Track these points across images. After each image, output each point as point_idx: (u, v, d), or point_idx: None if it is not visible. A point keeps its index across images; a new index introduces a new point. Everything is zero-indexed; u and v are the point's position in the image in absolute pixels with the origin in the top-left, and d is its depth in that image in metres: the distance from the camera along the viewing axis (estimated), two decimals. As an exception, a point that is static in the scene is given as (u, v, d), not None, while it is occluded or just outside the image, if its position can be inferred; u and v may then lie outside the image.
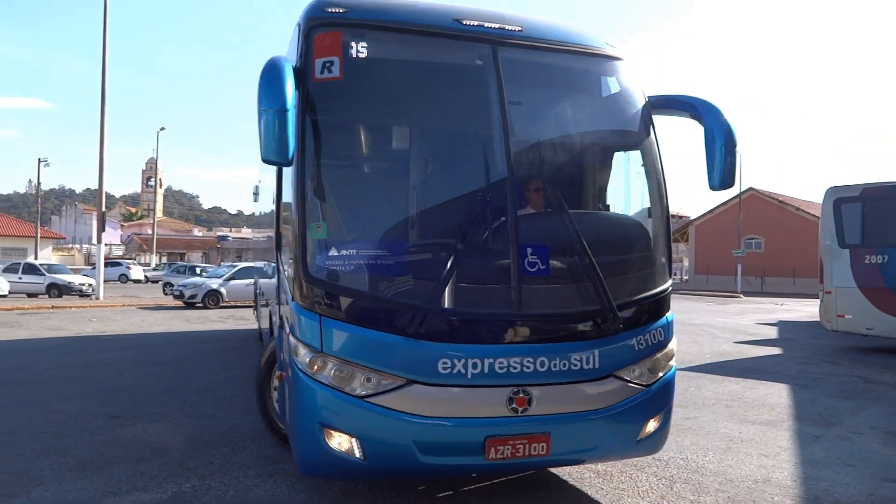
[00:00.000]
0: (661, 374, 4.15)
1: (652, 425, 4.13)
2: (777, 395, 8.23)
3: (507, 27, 4.18)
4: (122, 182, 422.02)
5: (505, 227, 3.77)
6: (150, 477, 4.63)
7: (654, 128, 4.47)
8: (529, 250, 3.75)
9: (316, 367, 3.61)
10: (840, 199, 12.45)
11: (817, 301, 13.27)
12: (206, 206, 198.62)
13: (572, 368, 3.77)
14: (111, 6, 24.59)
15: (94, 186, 29.36)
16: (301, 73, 3.81)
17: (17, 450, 5.25)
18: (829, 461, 5.40)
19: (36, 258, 42.22)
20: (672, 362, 4.28)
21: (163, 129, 54.52)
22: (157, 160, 55.59)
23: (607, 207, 4.65)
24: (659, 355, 4.13)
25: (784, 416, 7.03)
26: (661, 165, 4.42)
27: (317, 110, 3.83)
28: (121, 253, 70.28)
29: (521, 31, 4.21)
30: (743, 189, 48.25)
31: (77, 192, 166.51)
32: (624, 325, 3.93)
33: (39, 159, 51.04)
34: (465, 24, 4.11)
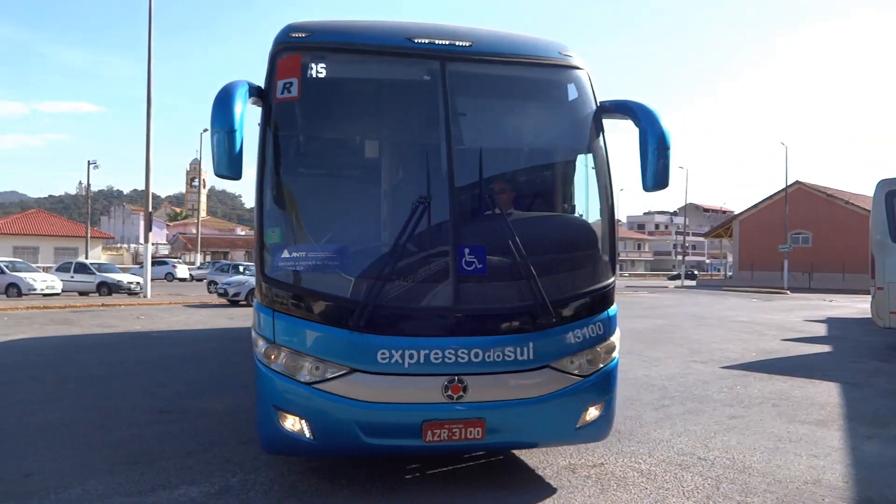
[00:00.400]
0: (600, 366, 4.42)
1: (592, 413, 4.40)
2: (827, 393, 8.01)
3: (456, 42, 4.48)
4: (168, 183, 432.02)
5: (445, 229, 4.13)
6: (197, 471, 4.74)
7: (601, 132, 4.65)
8: (467, 250, 4.08)
9: (271, 356, 4.09)
10: (892, 191, 12.02)
11: (868, 297, 12.85)
12: (248, 205, 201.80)
13: (507, 359, 4.08)
14: (156, 8, 25.18)
15: (141, 187, 30.11)
16: (266, 94, 4.30)
17: (72, 442, 5.44)
18: (882, 462, 5.24)
19: (86, 257, 43.54)
20: (614, 354, 4.54)
21: (206, 130, 55.57)
22: (200, 161, 56.85)
23: (552, 209, 4.88)
24: (598, 348, 4.40)
25: (835, 416, 6.84)
26: (608, 168, 4.61)
27: (276, 128, 4.28)
28: (167, 252, 71.98)
29: (470, 45, 4.49)
30: (789, 182, 47.01)
31: (125, 192, 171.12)
32: (560, 319, 4.21)
33: (89, 161, 52.62)
34: (416, 42, 4.43)
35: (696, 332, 15.50)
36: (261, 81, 4.34)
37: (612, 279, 4.54)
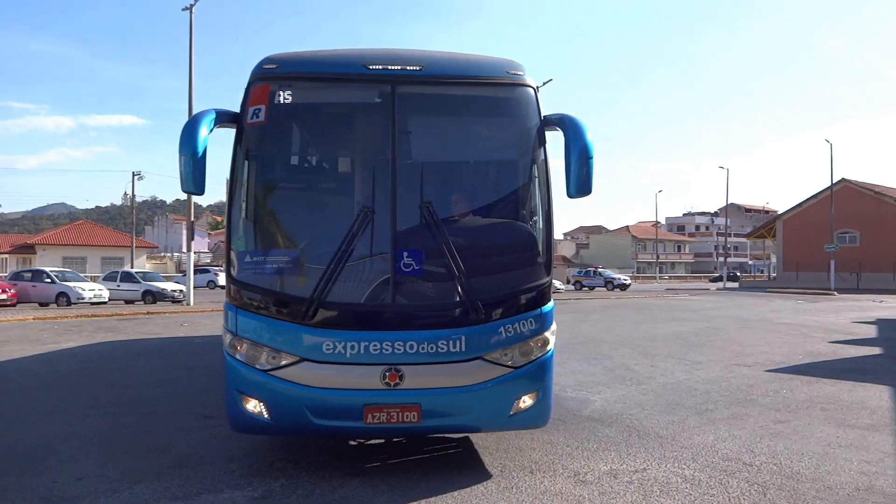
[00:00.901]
0: (533, 358, 4.77)
1: (526, 402, 4.77)
2: (878, 397, 7.76)
3: (407, 67, 4.95)
4: (209, 192, 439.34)
5: (387, 234, 4.63)
6: (241, 475, 4.82)
7: (543, 144, 4.97)
8: (405, 253, 4.59)
9: (235, 347, 4.69)
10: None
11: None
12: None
13: (440, 351, 4.53)
14: (197, 23, 25.79)
15: (183, 197, 30.74)
16: (239, 119, 4.89)
17: (121, 447, 5.58)
18: (939, 468, 5.05)
19: (132, 266, 44.68)
20: (548, 347, 4.87)
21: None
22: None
23: (491, 216, 5.12)
24: (531, 342, 4.76)
25: (886, 420, 6.62)
26: (547, 178, 4.97)
27: (246, 149, 4.87)
28: (209, 260, 73.38)
29: (420, 69, 4.96)
30: (835, 180, 45.76)
31: (168, 202, 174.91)
32: (491, 315, 4.64)
33: (133, 173, 54.01)
34: (370, 69, 4.92)
35: (739, 334, 15.18)
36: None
37: (545, 279, 4.90)
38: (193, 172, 4.58)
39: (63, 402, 7.48)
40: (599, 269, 58.58)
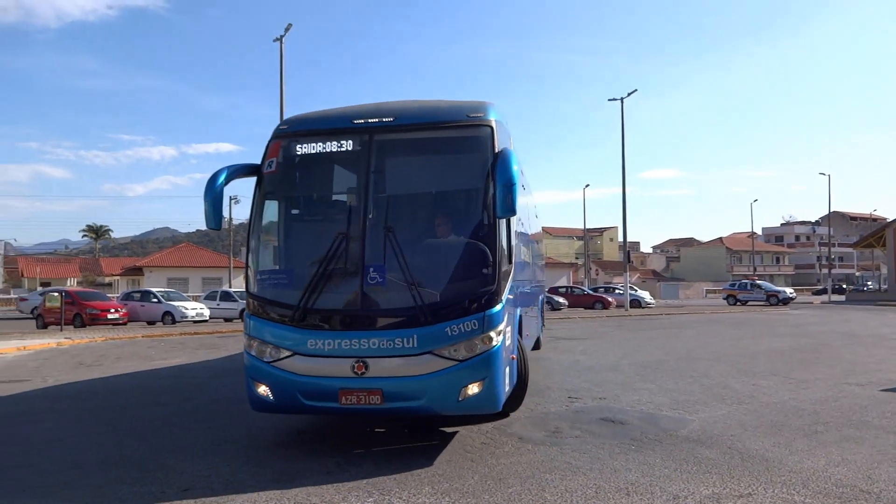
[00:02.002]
0: (477, 352, 5.62)
1: (473, 389, 5.62)
2: None
3: (383, 119, 6.27)
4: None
5: (358, 254, 5.84)
6: (336, 490, 4.91)
7: (496, 171, 5.71)
8: (371, 269, 5.77)
9: (249, 345, 6.14)
10: None
11: None
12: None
13: (397, 347, 5.61)
14: (287, 54, 26.90)
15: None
16: (259, 169, 6.50)
17: (223, 459, 5.81)
18: None
19: (230, 286, 46.75)
20: (492, 343, 5.67)
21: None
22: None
23: (445, 236, 6.10)
24: (475, 339, 5.62)
25: None
26: (494, 202, 5.67)
27: (262, 193, 6.48)
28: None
29: (392, 120, 6.26)
30: (952, 184, 42.35)
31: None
32: (438, 318, 5.60)
33: (230, 197, 56.58)
34: (354, 123, 6.31)
35: (848, 351, 14.24)
36: None
37: (490, 287, 5.75)
38: (213, 214, 6.12)
39: (168, 417, 7.87)
40: (758, 281, 51.19)
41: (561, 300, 39.31)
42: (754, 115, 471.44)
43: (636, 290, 46.91)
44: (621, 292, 41.29)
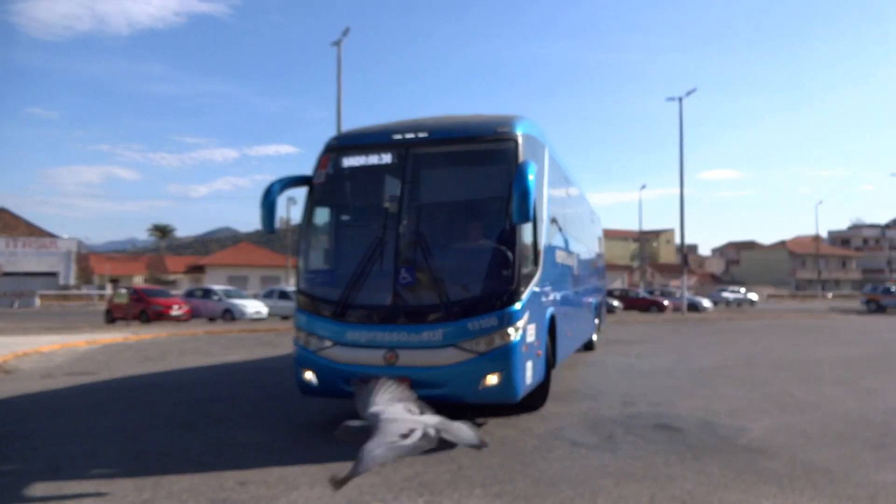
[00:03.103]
0: (495, 346, 6.21)
1: (492, 380, 6.21)
2: None
3: (418, 134, 6.94)
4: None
5: (392, 257, 6.53)
6: (387, 489, 4.93)
7: (523, 181, 6.11)
8: (402, 270, 6.46)
9: (298, 336, 6.92)
10: None
11: None
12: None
13: (423, 340, 6.27)
14: (345, 57, 27.29)
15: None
16: (311, 180, 7.27)
17: (276, 457, 5.91)
18: None
19: (287, 284, 47.69)
20: (510, 339, 6.25)
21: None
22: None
23: (471, 241, 6.85)
24: (494, 334, 6.21)
25: None
26: (527, 210, 6.07)
27: (312, 201, 7.28)
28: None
29: (427, 135, 6.92)
30: None
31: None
32: (460, 314, 6.25)
33: (288, 198, 57.76)
34: (393, 138, 7.00)
35: (921, 360, 13.52)
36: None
37: (509, 287, 6.33)
38: (268, 220, 7.07)
39: (224, 412, 8.07)
40: None
41: (615, 303, 38.70)
42: (821, 110, 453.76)
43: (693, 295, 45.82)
44: (678, 296, 40.39)
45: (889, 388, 9.71)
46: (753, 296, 45.29)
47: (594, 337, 15.06)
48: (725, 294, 52.39)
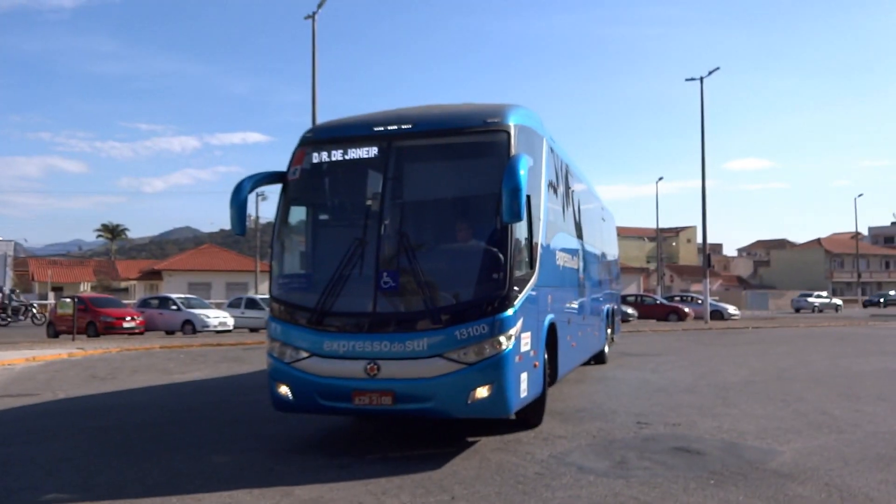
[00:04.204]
0: (486, 356, 6.29)
1: (482, 392, 6.29)
2: None
3: (401, 126, 7.06)
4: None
5: (373, 260, 6.67)
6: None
7: (514, 176, 6.13)
8: (385, 274, 6.58)
9: (272, 346, 7.02)
10: None
11: None
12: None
13: (407, 350, 6.36)
14: (319, 31, 27.26)
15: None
16: (285, 176, 7.39)
17: (246, 486, 5.89)
18: None
19: (256, 292, 47.60)
20: (502, 348, 6.34)
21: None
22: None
23: (458, 241, 6.98)
24: (484, 343, 6.30)
25: None
26: (518, 207, 6.10)
27: (286, 199, 7.41)
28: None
29: (410, 127, 7.05)
30: None
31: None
32: (447, 322, 6.34)
33: (257, 193, 57.56)
34: (374, 130, 7.12)
35: (973, 372, 13.64)
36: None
37: (500, 292, 6.43)
38: (239, 219, 7.18)
39: (189, 438, 8.05)
40: None
41: (630, 310, 38.75)
42: (861, 92, 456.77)
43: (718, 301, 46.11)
44: (700, 302, 40.60)
45: (937, 405, 9.79)
46: (838, 301, 50.93)
47: (605, 348, 15.13)
48: (811, 300, 56.39)
